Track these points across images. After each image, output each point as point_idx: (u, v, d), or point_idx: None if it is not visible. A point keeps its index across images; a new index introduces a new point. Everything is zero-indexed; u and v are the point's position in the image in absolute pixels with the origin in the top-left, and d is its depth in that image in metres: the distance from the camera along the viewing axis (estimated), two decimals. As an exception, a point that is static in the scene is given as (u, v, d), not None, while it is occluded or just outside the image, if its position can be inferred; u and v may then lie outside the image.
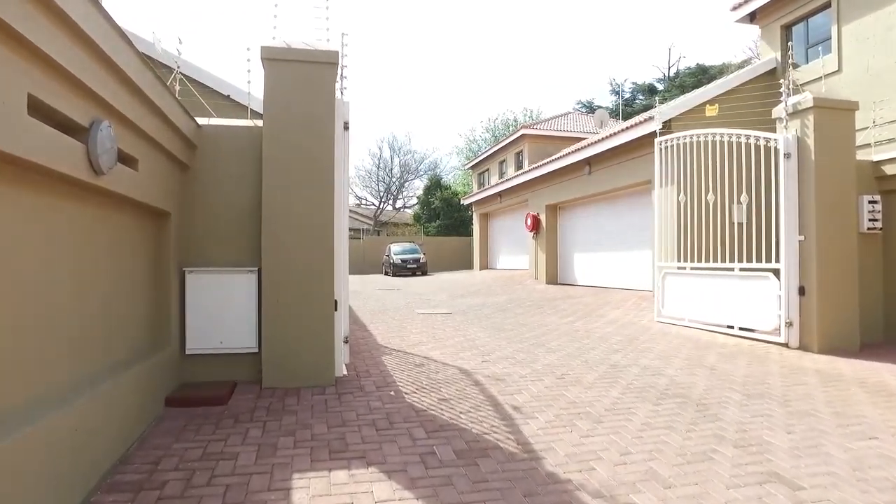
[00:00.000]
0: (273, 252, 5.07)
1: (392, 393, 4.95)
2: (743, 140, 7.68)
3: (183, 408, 4.45)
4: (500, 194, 22.46)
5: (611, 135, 12.92)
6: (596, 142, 13.70)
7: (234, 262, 5.22)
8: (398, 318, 10.28)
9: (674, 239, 9.01)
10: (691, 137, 8.58)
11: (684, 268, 8.72)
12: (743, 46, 30.10)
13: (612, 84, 38.47)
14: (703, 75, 29.39)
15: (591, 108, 34.97)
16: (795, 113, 6.99)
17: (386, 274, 29.56)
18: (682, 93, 23.28)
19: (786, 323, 6.94)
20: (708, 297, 8.22)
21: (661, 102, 11.99)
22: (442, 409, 4.47)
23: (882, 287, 7.56)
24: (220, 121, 5.45)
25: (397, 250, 29.36)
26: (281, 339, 5.06)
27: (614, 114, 29.88)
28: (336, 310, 5.28)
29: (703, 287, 8.35)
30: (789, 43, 11.81)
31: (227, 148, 5.29)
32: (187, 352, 5.06)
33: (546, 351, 6.83)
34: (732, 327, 7.76)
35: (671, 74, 36.06)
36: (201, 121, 5.25)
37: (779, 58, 11.81)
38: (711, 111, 8.53)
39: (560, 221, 17.51)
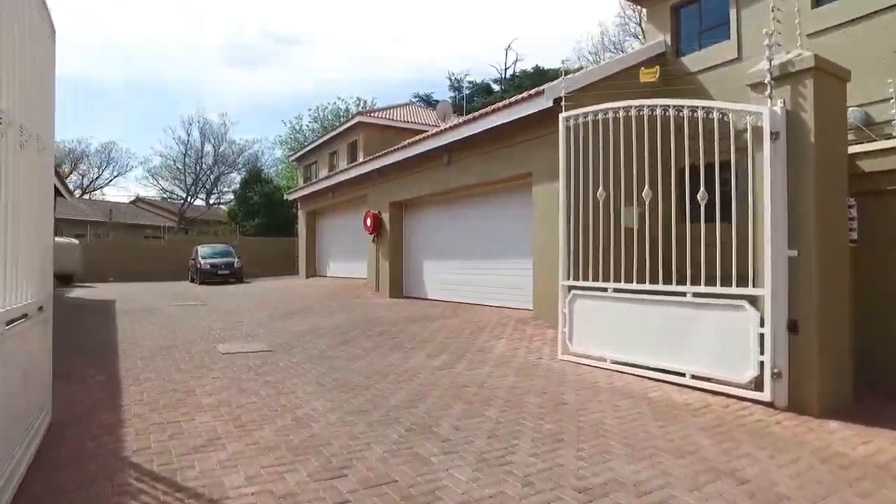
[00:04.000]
0: None
1: None
2: (700, 114, 5.51)
3: None
4: (331, 189, 19.13)
5: (481, 115, 10.43)
6: (460, 124, 11.14)
7: None
8: (187, 365, 6.60)
9: (587, 249, 6.65)
10: (616, 111, 6.29)
11: (604, 289, 6.40)
12: (583, 51, 30.36)
13: (451, 79, 37.03)
14: (541, 78, 28.92)
15: (428, 102, 33.00)
16: (786, 77, 4.92)
17: (192, 281, 24.50)
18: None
19: (772, 373, 4.83)
20: (643, 331, 5.96)
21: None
22: None
23: (854, 318, 5.89)
24: None
25: (206, 253, 24.46)
26: None
27: (456, 109, 28.11)
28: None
29: (634, 317, 6.08)
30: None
31: None
32: None
33: (442, 450, 3.88)
34: (683, 374, 5.56)
35: (508, 76, 35.61)
36: None
37: (668, 41, 10.29)
38: (649, 76, 6.34)
39: (408, 222, 14.77)
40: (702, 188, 5.45)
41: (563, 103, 7.08)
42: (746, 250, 5.09)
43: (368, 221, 15.32)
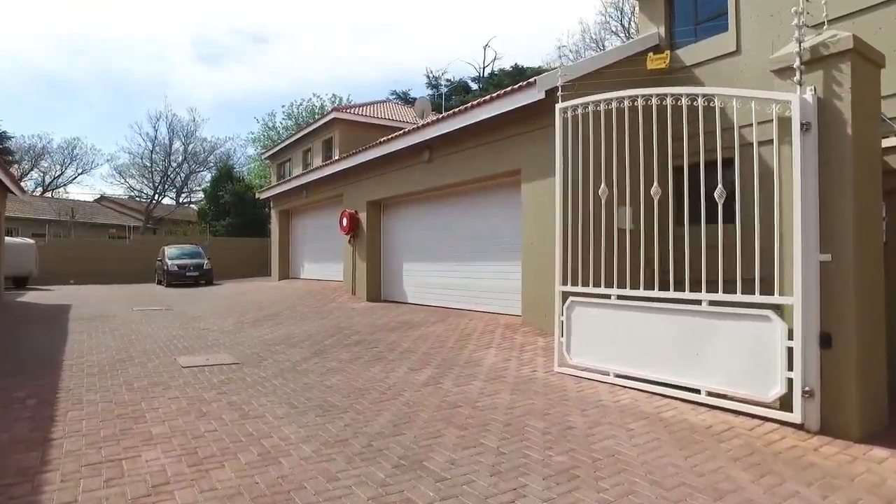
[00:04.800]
0: None
1: None
2: (717, 103, 4.98)
3: None
4: (305, 187, 18.31)
5: (466, 108, 9.83)
6: (442, 119, 10.52)
7: None
8: (141, 382, 5.85)
9: (587, 252, 6.09)
10: (621, 101, 5.72)
11: (607, 296, 5.84)
12: (563, 49, 30.04)
13: (428, 76, 36.30)
14: (520, 76, 28.44)
15: (406, 100, 32.29)
16: (818, 60, 4.42)
17: (159, 283, 23.49)
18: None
19: (803, 392, 4.32)
20: (651, 343, 5.41)
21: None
22: None
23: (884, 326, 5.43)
24: None
25: (174, 254, 23.43)
26: None
27: (434, 107, 27.47)
28: None
29: (641, 327, 5.52)
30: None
31: None
32: None
33: (439, 494, 3.25)
34: (697, 391, 5.02)
35: (486, 74, 35.08)
36: None
37: (662, 33, 9.82)
38: (658, 62, 5.79)
39: (386, 222, 14.09)
40: (719, 185, 4.92)
41: (559, 93, 6.50)
42: (771, 254, 4.57)
43: (345, 221, 14.61)
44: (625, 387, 5.57)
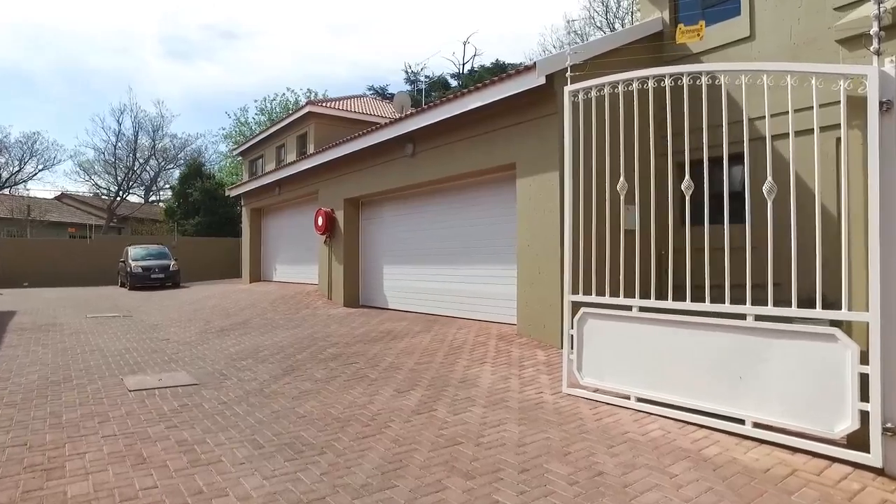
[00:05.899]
0: None
1: None
2: (767, 81, 4.19)
3: None
4: (278, 184, 17.24)
5: (454, 97, 8.96)
6: (427, 108, 9.64)
7: None
8: (73, 413, 4.86)
9: (602, 256, 5.27)
10: (643, 82, 4.90)
11: (627, 307, 5.03)
12: (546, 45, 29.47)
13: (407, 72, 35.34)
14: (501, 72, 27.70)
15: (384, 95, 31.29)
16: (900, 24, 3.68)
17: (123, 286, 22.17)
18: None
19: (883, 429, 3.56)
20: (681, 363, 4.61)
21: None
22: None
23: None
24: None
25: (138, 254, 22.14)
26: None
27: (413, 103, 26.53)
28: None
29: (669, 344, 4.72)
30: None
31: None
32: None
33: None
34: (741, 422, 4.24)
35: (466, 70, 34.27)
36: None
37: (666, 18, 9.10)
38: (689, 36, 4.97)
39: (365, 221, 13.16)
40: (769, 178, 4.14)
41: (568, 74, 5.65)
42: (837, 260, 3.81)
43: (320, 220, 13.63)
44: (650, 413, 4.76)
